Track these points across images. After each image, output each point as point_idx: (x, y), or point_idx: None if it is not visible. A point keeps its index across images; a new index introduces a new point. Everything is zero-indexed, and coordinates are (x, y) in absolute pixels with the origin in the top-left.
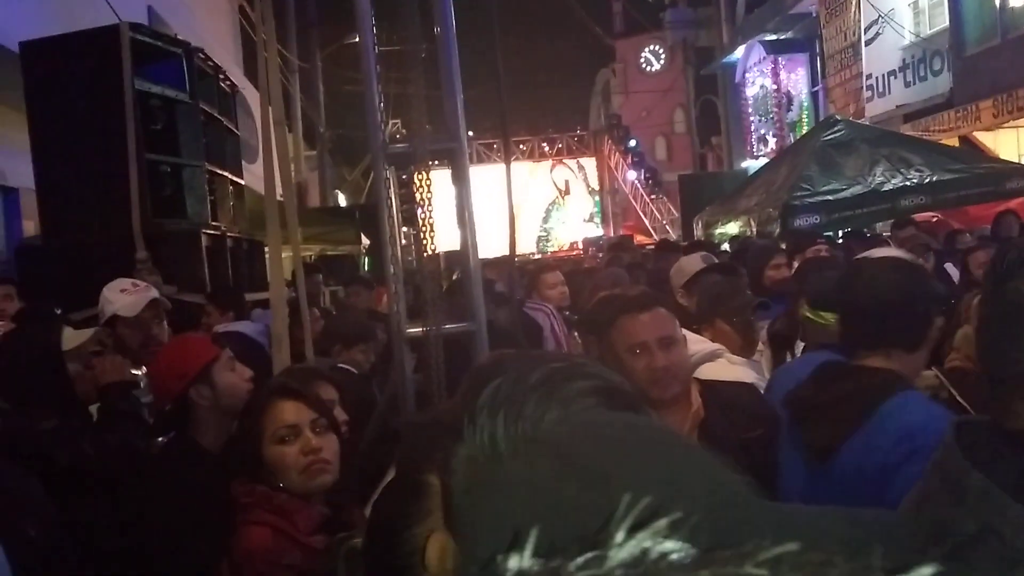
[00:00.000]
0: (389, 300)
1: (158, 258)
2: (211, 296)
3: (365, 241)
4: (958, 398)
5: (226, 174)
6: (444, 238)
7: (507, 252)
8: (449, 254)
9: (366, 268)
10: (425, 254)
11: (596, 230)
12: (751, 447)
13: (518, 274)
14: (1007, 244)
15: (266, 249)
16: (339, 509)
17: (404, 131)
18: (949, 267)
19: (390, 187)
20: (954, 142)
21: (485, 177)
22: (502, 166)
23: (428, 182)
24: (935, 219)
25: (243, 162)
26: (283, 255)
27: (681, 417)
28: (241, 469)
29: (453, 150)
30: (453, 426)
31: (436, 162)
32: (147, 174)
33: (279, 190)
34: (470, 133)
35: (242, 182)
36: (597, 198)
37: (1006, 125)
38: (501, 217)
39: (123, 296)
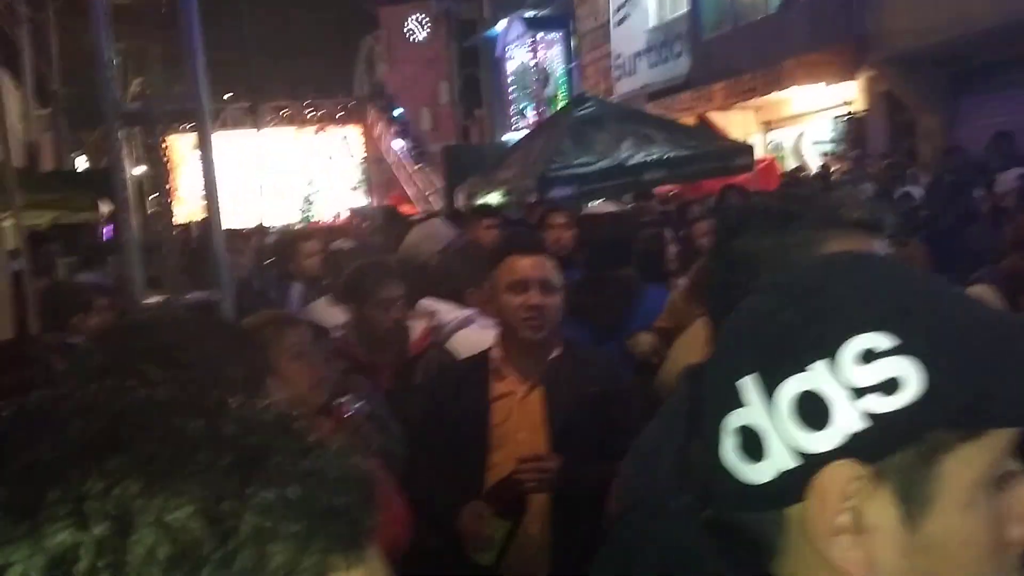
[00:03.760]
0: (126, 268)
1: None
2: None
3: (106, 208)
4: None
5: None
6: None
7: (263, 221)
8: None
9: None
10: (171, 222)
11: (363, 199)
12: (594, 401)
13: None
14: (730, 209)
15: None
16: None
17: (152, 92)
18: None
19: (126, 149)
20: (691, 121)
21: (241, 143)
22: (264, 132)
23: (167, 146)
24: (672, 192)
25: None
26: (5, 223)
27: (538, 360)
28: None
29: (194, 111)
30: None
31: (188, 126)
32: None
33: None
34: (225, 97)
35: None
36: (363, 167)
37: (736, 106)
38: (261, 185)
39: None
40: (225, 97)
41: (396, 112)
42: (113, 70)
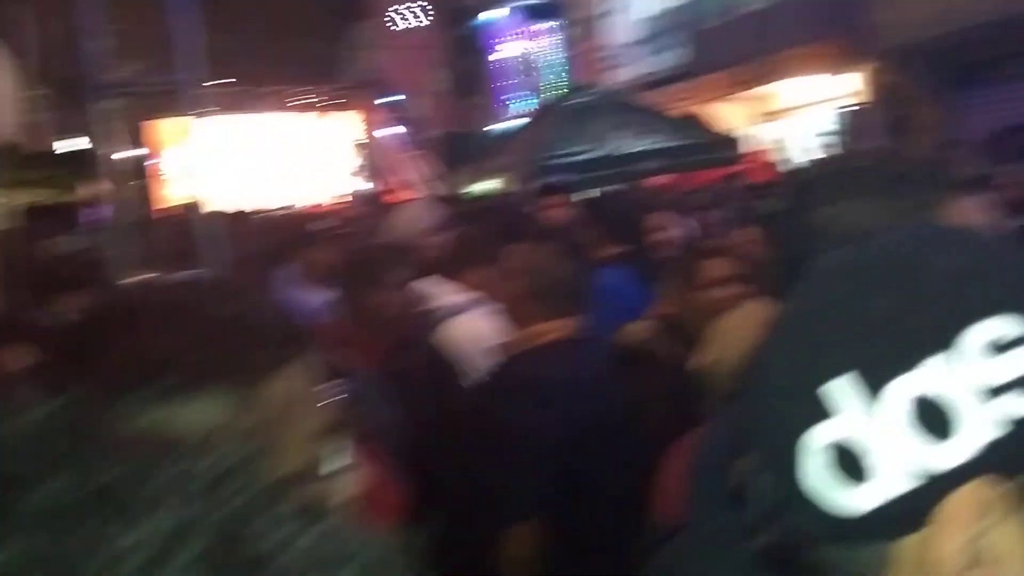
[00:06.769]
0: (110, 247)
1: None
2: None
3: (98, 188)
4: (665, 347)
5: None
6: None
7: (265, 205)
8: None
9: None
10: (155, 202)
11: (361, 184)
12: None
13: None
14: (802, 172)
15: None
16: None
17: (140, 73)
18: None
19: (114, 129)
20: (689, 112)
21: (236, 127)
22: (257, 116)
23: (153, 128)
24: (669, 183)
25: None
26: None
27: None
28: None
29: (185, 87)
30: None
31: (179, 109)
32: None
33: None
34: (218, 81)
35: None
36: (363, 152)
37: (733, 97)
38: (256, 169)
39: None
40: (218, 81)
41: (393, 98)
42: (100, 45)
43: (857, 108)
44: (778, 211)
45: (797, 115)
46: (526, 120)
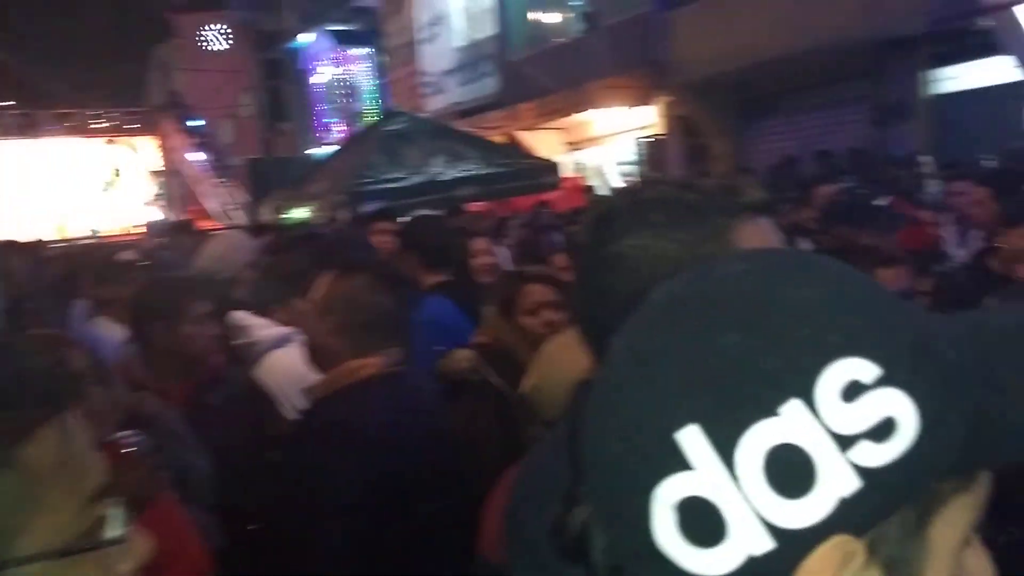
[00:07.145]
0: None
1: None
2: None
3: None
4: (489, 374)
5: None
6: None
7: (53, 236)
8: None
9: None
10: None
11: (160, 214)
12: None
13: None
14: (596, 209)
15: None
16: None
17: None
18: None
19: None
20: (501, 139)
21: (17, 152)
22: (43, 141)
23: None
24: (486, 209)
25: None
26: None
27: None
28: None
29: None
30: None
31: None
32: None
33: None
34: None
35: None
36: (161, 180)
37: (543, 126)
38: (42, 197)
39: None
40: None
41: (195, 123)
42: None
43: (656, 138)
44: (580, 241)
45: (603, 144)
46: (340, 146)
